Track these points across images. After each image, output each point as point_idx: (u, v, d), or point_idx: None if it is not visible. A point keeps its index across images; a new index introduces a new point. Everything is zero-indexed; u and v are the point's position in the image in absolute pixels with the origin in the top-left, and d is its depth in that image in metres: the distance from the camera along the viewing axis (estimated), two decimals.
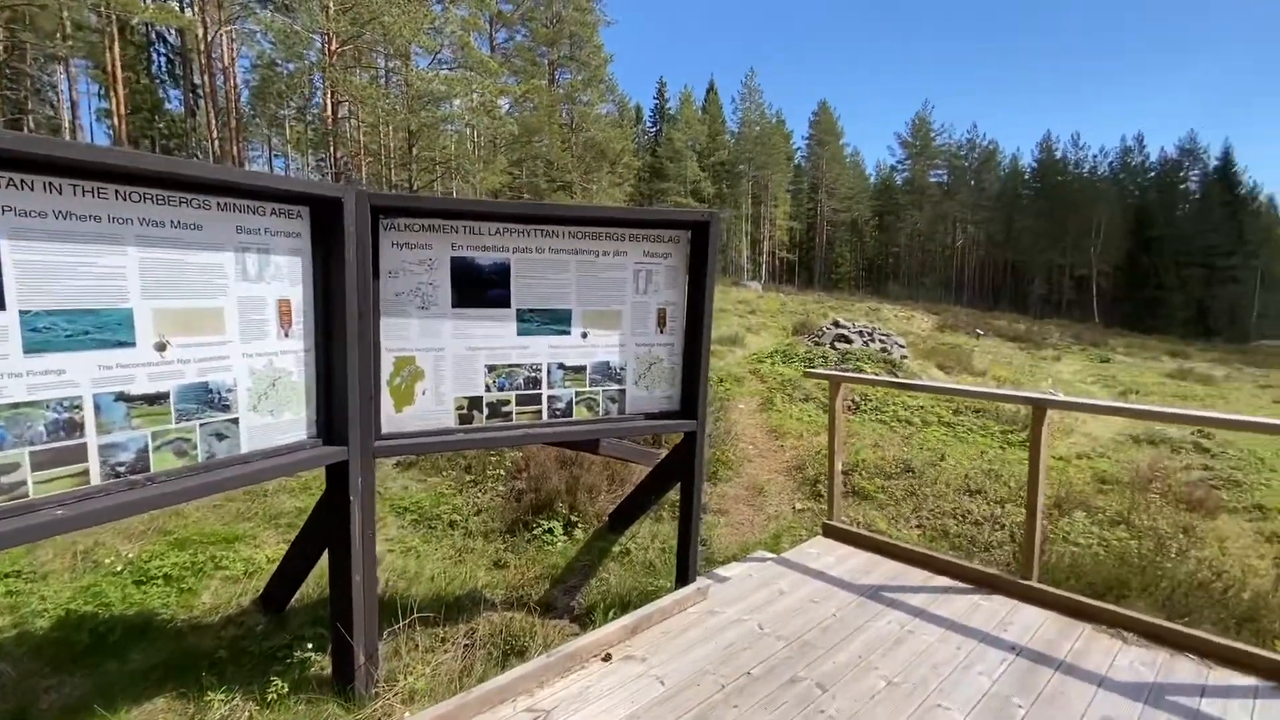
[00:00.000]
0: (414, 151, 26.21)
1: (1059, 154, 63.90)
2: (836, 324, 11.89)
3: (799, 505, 5.00)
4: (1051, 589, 2.88)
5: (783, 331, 16.57)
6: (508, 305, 2.75)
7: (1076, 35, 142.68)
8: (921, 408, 7.75)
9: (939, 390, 6.28)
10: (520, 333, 2.78)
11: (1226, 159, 58.27)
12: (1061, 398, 2.85)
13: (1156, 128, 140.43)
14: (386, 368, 2.64)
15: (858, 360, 9.83)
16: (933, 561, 3.28)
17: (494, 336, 2.75)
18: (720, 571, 3.39)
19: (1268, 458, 7.58)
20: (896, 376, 9.58)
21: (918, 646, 2.56)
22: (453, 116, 25.84)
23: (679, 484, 3.20)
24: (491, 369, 2.77)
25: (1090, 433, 8.35)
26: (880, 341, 11.00)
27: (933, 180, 65.56)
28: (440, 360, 2.68)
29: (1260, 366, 20.95)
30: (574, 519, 4.37)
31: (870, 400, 8.02)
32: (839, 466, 3.73)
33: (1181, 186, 60.35)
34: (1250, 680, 2.30)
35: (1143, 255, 56.49)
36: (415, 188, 27.38)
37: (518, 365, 2.80)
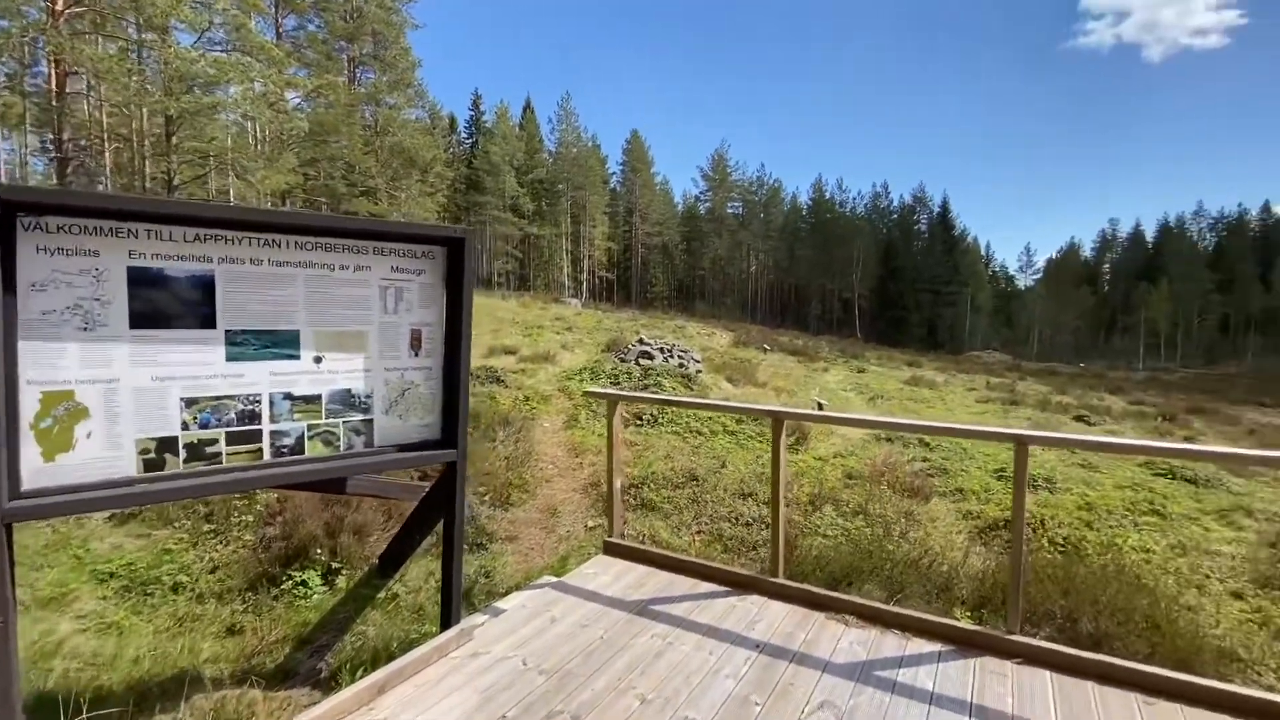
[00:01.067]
0: (173, 140, 22.29)
1: (828, 194, 74.83)
2: (641, 341, 12.42)
3: (591, 523, 5.02)
4: (795, 584, 3.18)
5: (597, 348, 16.93)
6: (214, 326, 2.32)
7: (846, 87, 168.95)
8: (711, 418, 8.34)
9: (698, 405, 6.36)
10: (231, 358, 2.36)
11: (945, 207, 73.04)
12: (792, 410, 3.20)
13: (898, 176, 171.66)
14: (30, 406, 2.05)
15: (658, 375, 10.35)
16: (699, 569, 3.44)
17: (194, 363, 2.29)
18: (499, 604, 3.21)
19: (968, 447, 9.45)
20: (691, 390, 10.25)
21: (675, 658, 2.63)
22: (225, 105, 22.44)
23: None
24: (191, 403, 2.30)
25: (846, 434, 9.68)
26: (679, 358, 11.72)
27: (730, 212, 72.61)
28: (112, 394, 2.15)
29: (968, 373, 26.38)
30: (337, 565, 3.88)
31: (667, 413, 8.44)
32: (618, 484, 3.78)
33: (916, 227, 74.15)
34: (936, 646, 2.72)
35: (890, 282, 68.17)
36: (176, 183, 23.25)
37: (228, 397, 2.36)
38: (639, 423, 7.85)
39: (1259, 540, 5.72)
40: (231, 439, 2.38)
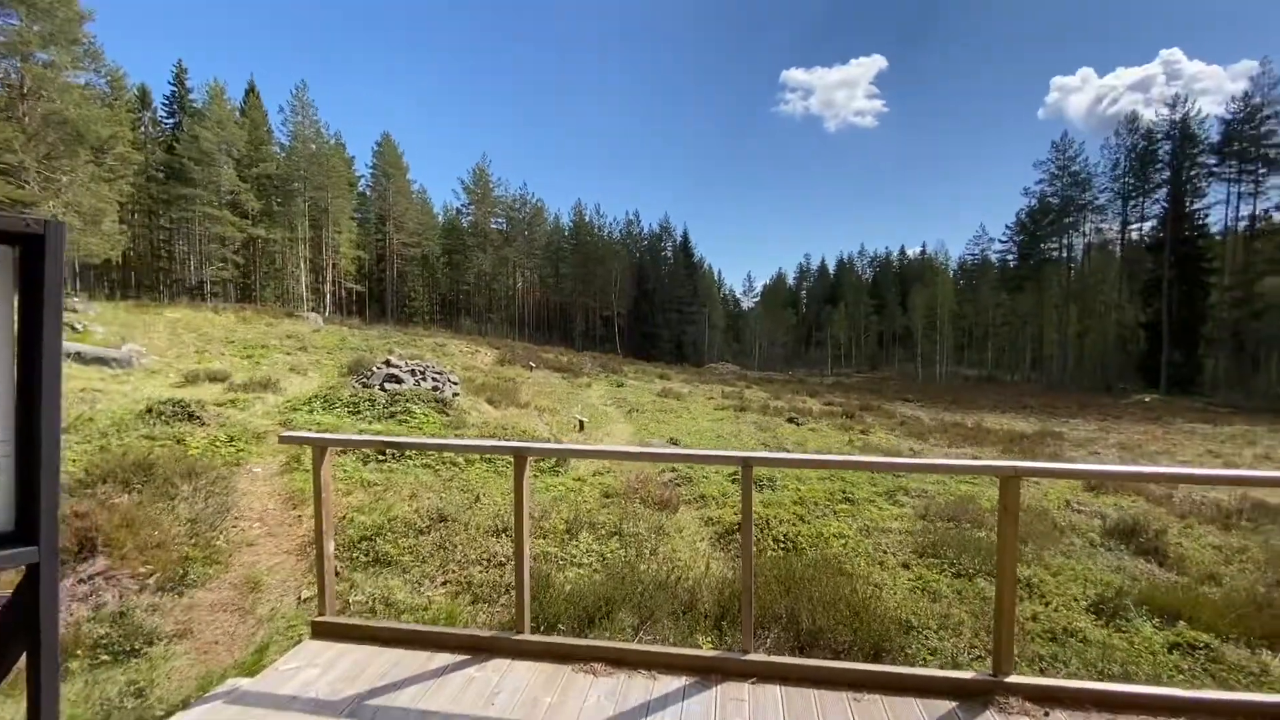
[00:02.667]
0: None
1: (588, 218, 78.49)
2: (389, 363, 11.18)
3: (307, 593, 4.13)
4: (539, 639, 2.90)
5: (336, 371, 14.85)
6: None
7: (599, 127, 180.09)
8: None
9: (426, 446, 5.55)
10: None
11: (686, 237, 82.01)
12: (536, 444, 2.95)
13: (648, 207, 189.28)
14: None
15: (407, 401, 9.36)
16: (433, 638, 2.97)
17: None
18: None
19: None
20: (447, 415, 9.49)
21: None
22: None
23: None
24: None
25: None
26: (433, 380, 10.82)
27: (494, 227, 71.50)
28: None
29: (708, 383, 29.63)
30: None
31: None
32: (330, 547, 3.10)
33: (663, 253, 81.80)
34: (680, 681, 2.67)
35: (644, 302, 74.00)
36: None
37: None
38: (380, 459, 6.91)
39: (914, 514, 7.21)
40: None
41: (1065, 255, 57.17)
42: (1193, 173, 45.13)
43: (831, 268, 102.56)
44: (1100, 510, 8.07)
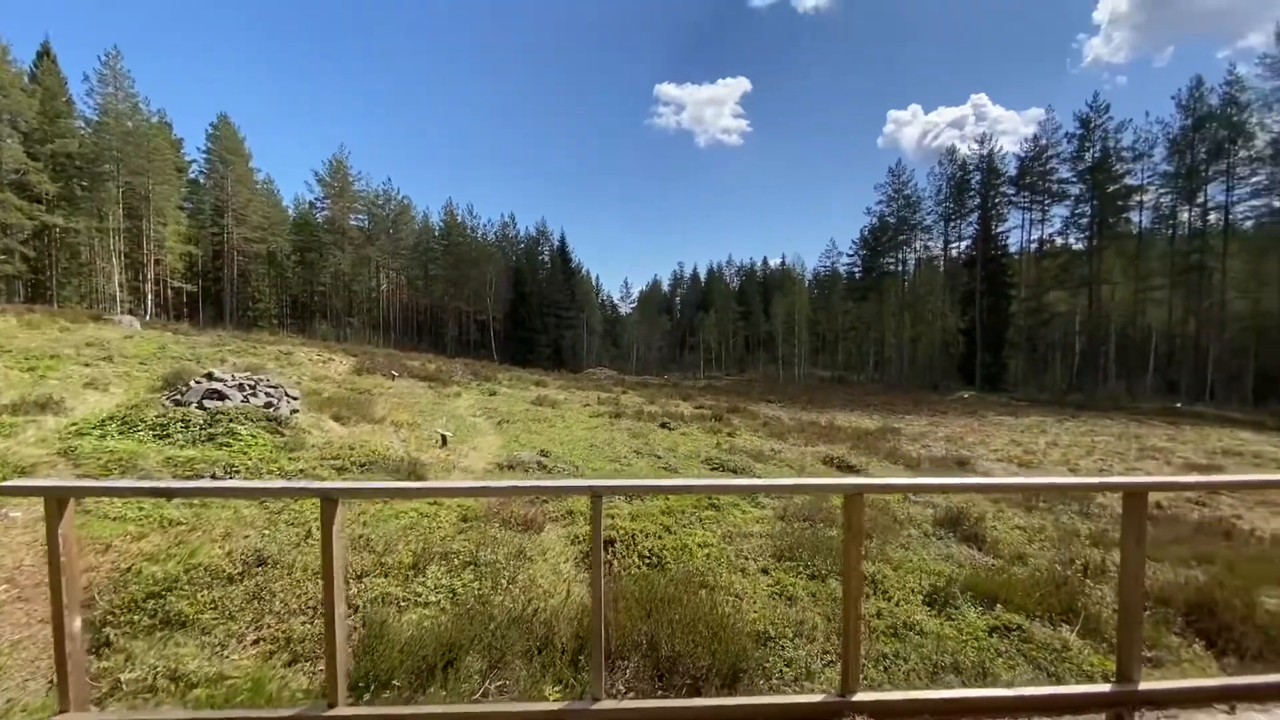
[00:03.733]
0: None
1: (460, 218, 75.33)
2: (212, 375, 9.72)
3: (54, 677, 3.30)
4: (356, 711, 2.48)
5: (147, 385, 12.72)
6: None
7: (471, 125, 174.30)
8: (303, 470, 6.88)
9: (189, 493, 4.57)
10: None
11: (563, 241, 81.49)
12: (348, 485, 2.54)
13: (524, 210, 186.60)
14: None
15: (231, 420, 8.15)
16: None
17: None
18: None
19: (580, 464, 10.18)
20: (282, 434, 8.40)
21: None
22: None
23: None
24: None
25: (469, 466, 9.32)
26: (266, 394, 9.56)
27: (354, 223, 66.28)
28: None
29: (584, 389, 29.47)
30: None
31: (238, 470, 6.61)
32: (77, 624, 2.46)
33: (540, 257, 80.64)
34: None
35: (521, 306, 72.39)
36: None
37: None
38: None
39: (774, 515, 7.48)
40: None
41: (901, 269, 64.25)
42: (996, 200, 52.67)
43: (703, 276, 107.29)
44: (932, 500, 8.90)
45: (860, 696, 2.40)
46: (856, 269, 70.78)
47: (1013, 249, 53.00)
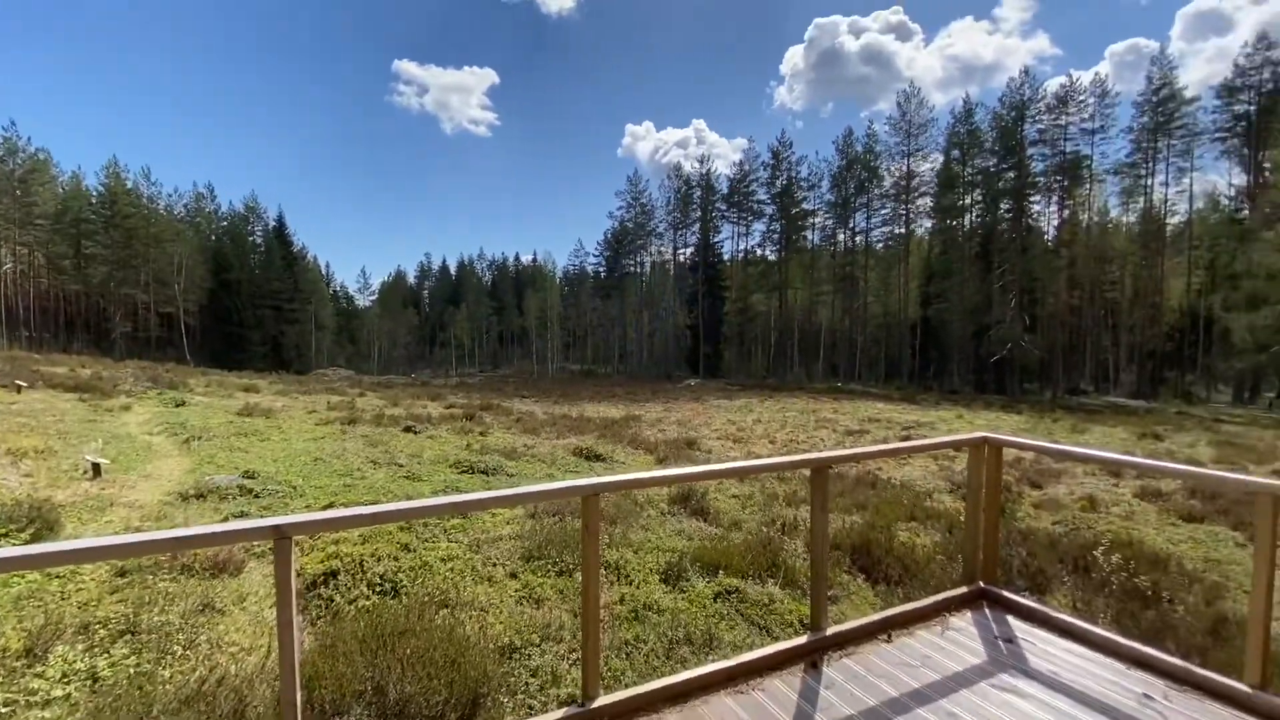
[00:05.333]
0: None
1: (131, 184, 59.32)
2: None
3: None
4: None
5: None
6: None
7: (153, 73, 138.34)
8: None
9: None
10: None
11: (281, 221, 69.92)
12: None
13: (226, 182, 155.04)
14: None
15: None
16: None
17: None
18: None
19: (301, 483, 8.74)
20: None
21: None
22: None
23: None
24: None
25: (137, 500, 7.28)
26: None
27: None
28: None
29: (312, 393, 25.76)
30: None
31: None
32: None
33: (251, 238, 68.05)
34: None
35: (225, 296, 60.19)
36: None
37: None
38: None
39: (525, 513, 7.36)
40: None
41: (640, 270, 70.07)
42: (713, 214, 60.75)
43: (454, 269, 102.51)
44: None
45: (601, 701, 2.36)
46: (602, 269, 75.00)
47: (726, 257, 61.82)
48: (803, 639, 2.83)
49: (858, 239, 54.47)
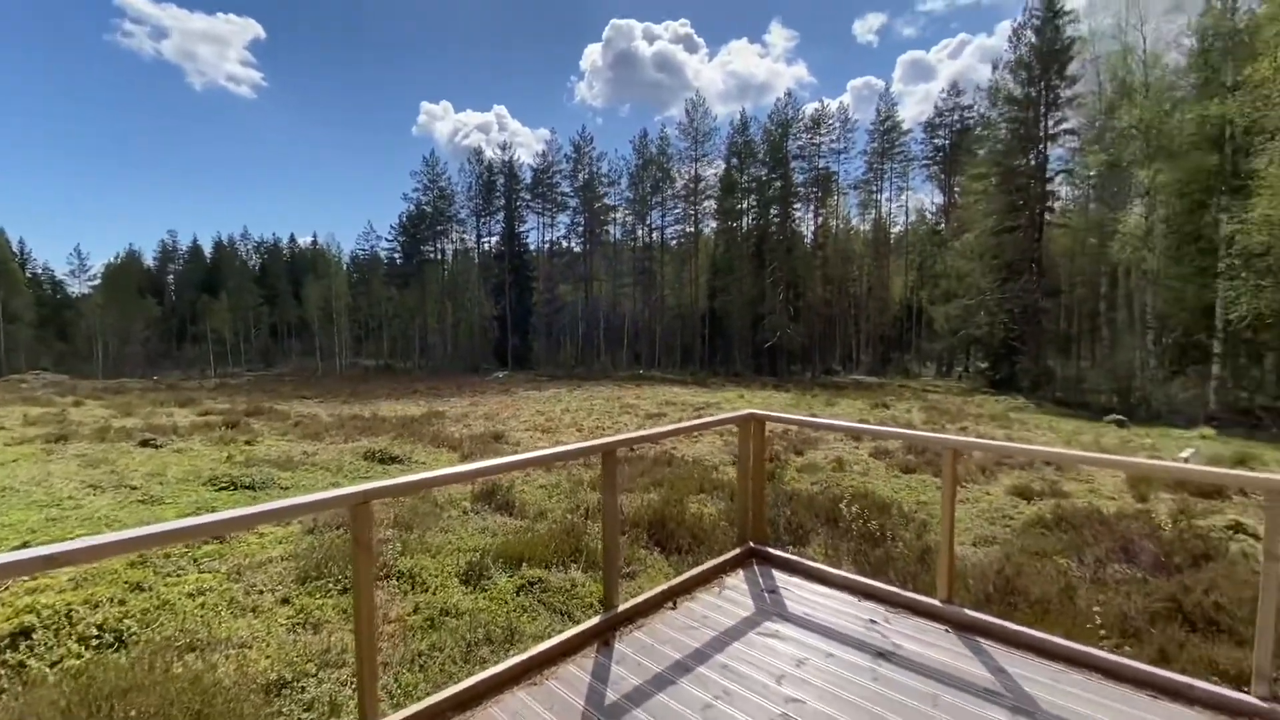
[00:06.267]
0: None
1: None
2: None
3: None
4: None
5: None
6: None
7: None
8: None
9: None
10: None
11: None
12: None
13: None
14: None
15: None
16: None
17: None
18: None
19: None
20: None
21: None
22: None
23: None
24: None
25: None
26: None
27: None
28: None
29: (2, 404, 19.98)
30: None
31: None
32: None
33: None
34: None
35: None
36: None
37: None
38: None
39: (302, 529, 6.54)
40: None
41: (440, 257, 66.29)
42: (518, 204, 59.77)
43: (209, 250, 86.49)
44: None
45: None
46: (397, 255, 69.36)
47: (532, 247, 61.34)
48: (596, 619, 2.93)
49: (654, 235, 57.82)
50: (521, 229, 60.15)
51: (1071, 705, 2.53)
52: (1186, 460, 11.01)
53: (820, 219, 51.78)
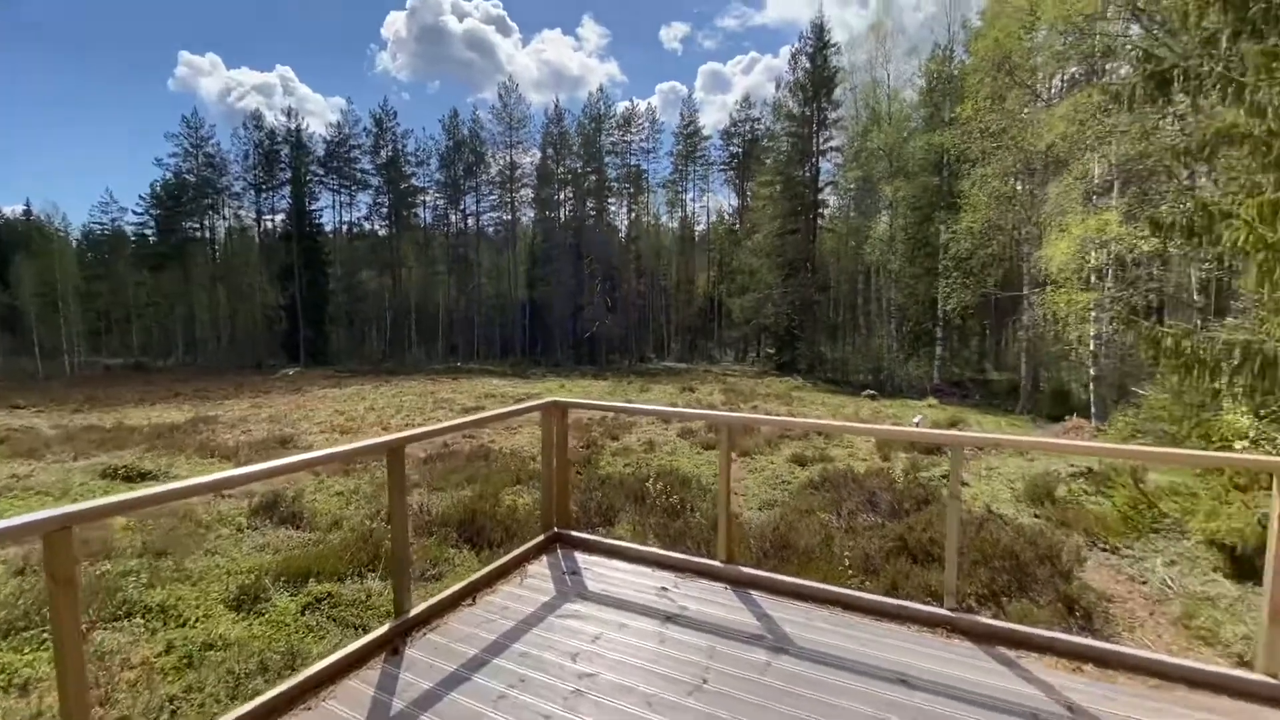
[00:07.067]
0: None
1: None
2: None
3: None
4: None
5: None
6: None
7: None
8: None
9: None
10: None
11: None
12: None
13: None
14: None
15: None
16: None
17: None
18: None
19: None
20: None
21: None
22: None
23: None
24: None
25: None
26: None
27: None
28: None
29: None
30: None
31: None
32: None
33: None
34: None
35: None
36: None
37: None
38: None
39: (8, 572, 5.21)
40: None
41: (209, 236, 56.46)
42: (308, 178, 53.10)
43: None
44: (251, 489, 8.15)
45: None
46: (150, 231, 57.49)
47: (328, 228, 54.97)
48: (384, 627, 2.77)
49: (469, 221, 55.41)
50: (314, 207, 53.50)
51: (819, 637, 3.00)
52: (916, 425, 13.57)
53: (633, 214, 53.91)
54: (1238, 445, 6.43)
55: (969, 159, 23.72)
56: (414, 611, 2.90)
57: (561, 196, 51.85)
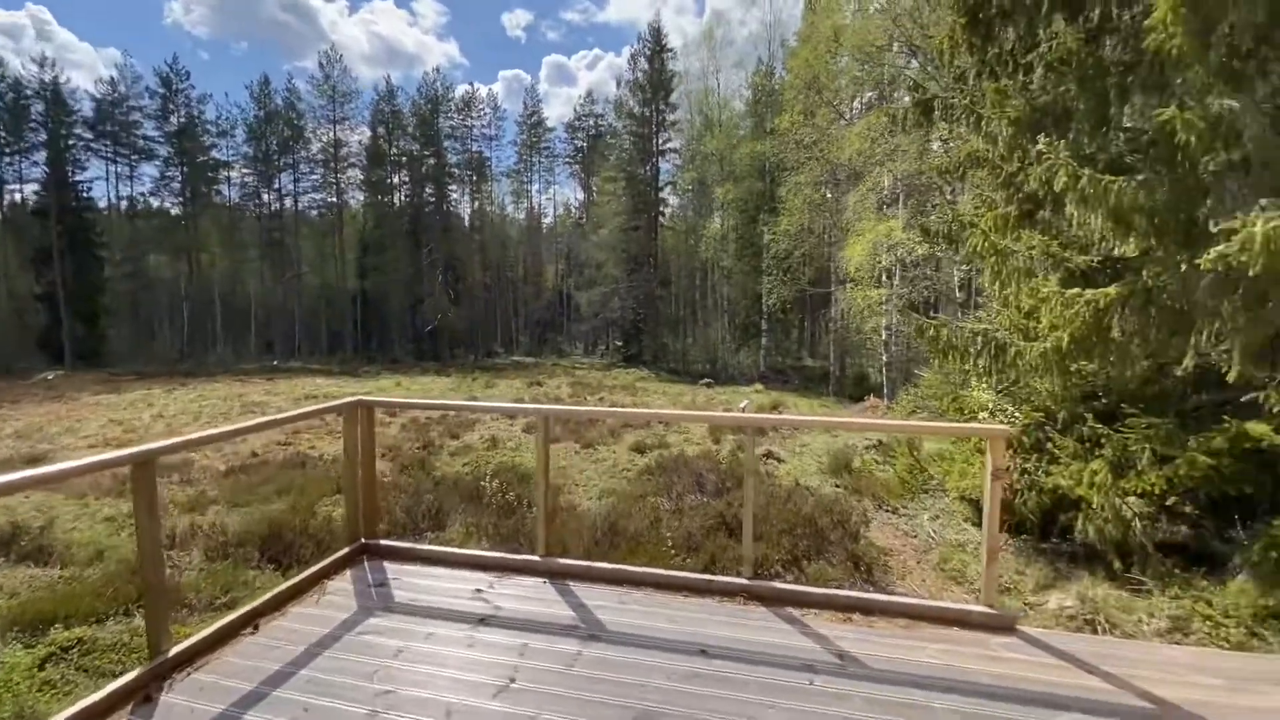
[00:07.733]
0: None
1: None
2: None
3: None
4: None
5: None
6: None
7: None
8: None
9: None
10: None
11: None
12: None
13: None
14: None
15: None
16: None
17: None
18: None
19: None
20: None
21: None
22: None
23: None
24: None
25: None
26: None
27: None
28: None
29: None
30: None
31: None
32: None
33: None
34: None
35: None
36: None
37: None
38: None
39: None
40: None
41: None
42: (71, 143, 43.78)
43: None
44: None
45: None
46: None
47: (101, 204, 45.84)
48: (134, 673, 2.38)
49: (286, 202, 49.46)
50: (81, 177, 44.15)
51: (630, 620, 3.12)
52: (743, 409, 14.71)
53: (476, 203, 51.84)
54: (981, 416, 7.81)
55: (786, 167, 26.11)
56: (175, 650, 2.53)
57: (396, 180, 48.32)
